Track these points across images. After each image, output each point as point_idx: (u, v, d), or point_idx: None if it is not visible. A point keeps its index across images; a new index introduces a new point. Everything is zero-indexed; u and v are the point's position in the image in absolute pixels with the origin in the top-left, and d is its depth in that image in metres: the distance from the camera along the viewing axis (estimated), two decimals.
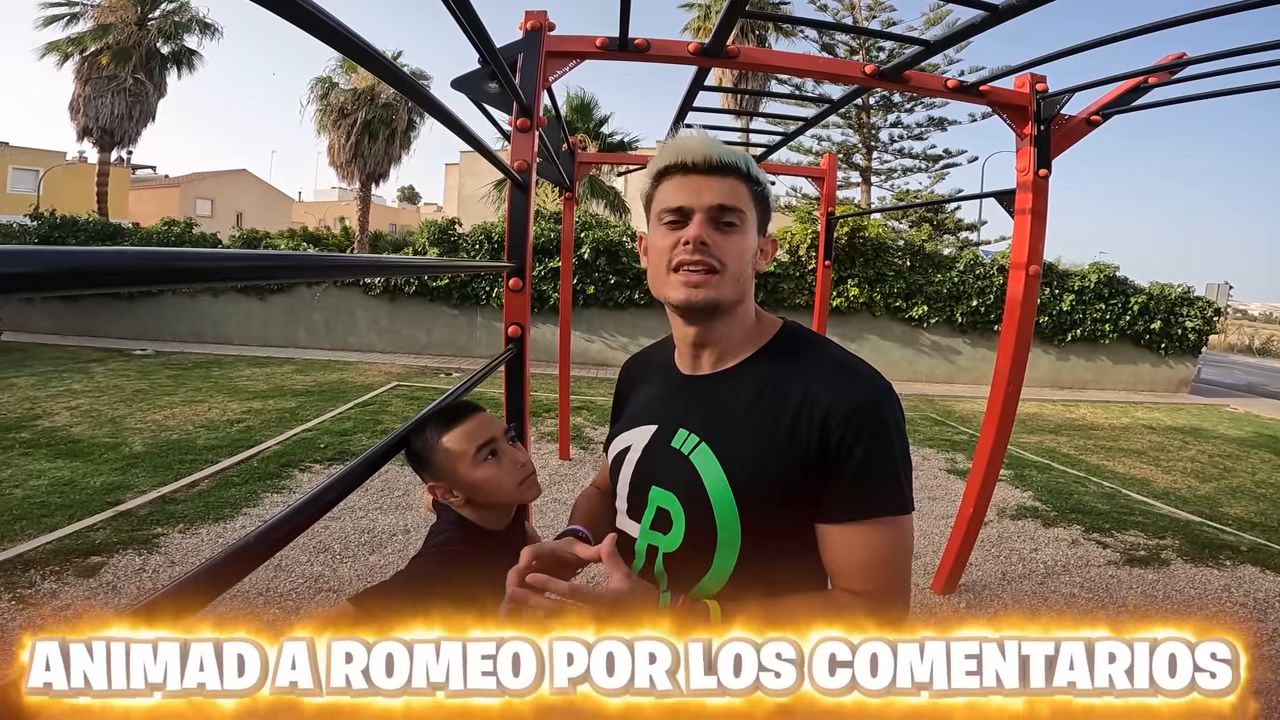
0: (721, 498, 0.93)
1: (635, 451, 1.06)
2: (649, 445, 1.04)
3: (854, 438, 0.88)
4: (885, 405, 0.91)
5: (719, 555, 0.94)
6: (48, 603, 2.92)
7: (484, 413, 1.30)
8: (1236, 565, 4.13)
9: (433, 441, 1.24)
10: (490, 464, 1.23)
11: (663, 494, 1.00)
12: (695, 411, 1.01)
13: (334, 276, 1.42)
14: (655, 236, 1.00)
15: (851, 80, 2.84)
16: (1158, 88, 2.71)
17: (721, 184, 0.95)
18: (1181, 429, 8.91)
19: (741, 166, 0.96)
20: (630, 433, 1.08)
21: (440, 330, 11.47)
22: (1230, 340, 29.68)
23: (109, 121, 16.57)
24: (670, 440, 1.01)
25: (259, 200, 34.50)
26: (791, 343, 1.02)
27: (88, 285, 0.41)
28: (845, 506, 0.89)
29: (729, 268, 0.95)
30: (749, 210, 0.97)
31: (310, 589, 3.19)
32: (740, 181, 0.97)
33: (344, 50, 0.89)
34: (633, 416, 1.11)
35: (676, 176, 0.98)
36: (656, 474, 1.01)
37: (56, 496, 4.12)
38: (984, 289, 11.38)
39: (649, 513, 1.01)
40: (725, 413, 0.97)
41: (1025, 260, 2.83)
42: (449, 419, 1.26)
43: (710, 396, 1.00)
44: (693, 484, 0.95)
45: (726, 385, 1.00)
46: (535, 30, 2.19)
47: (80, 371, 8.21)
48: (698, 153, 0.96)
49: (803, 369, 0.96)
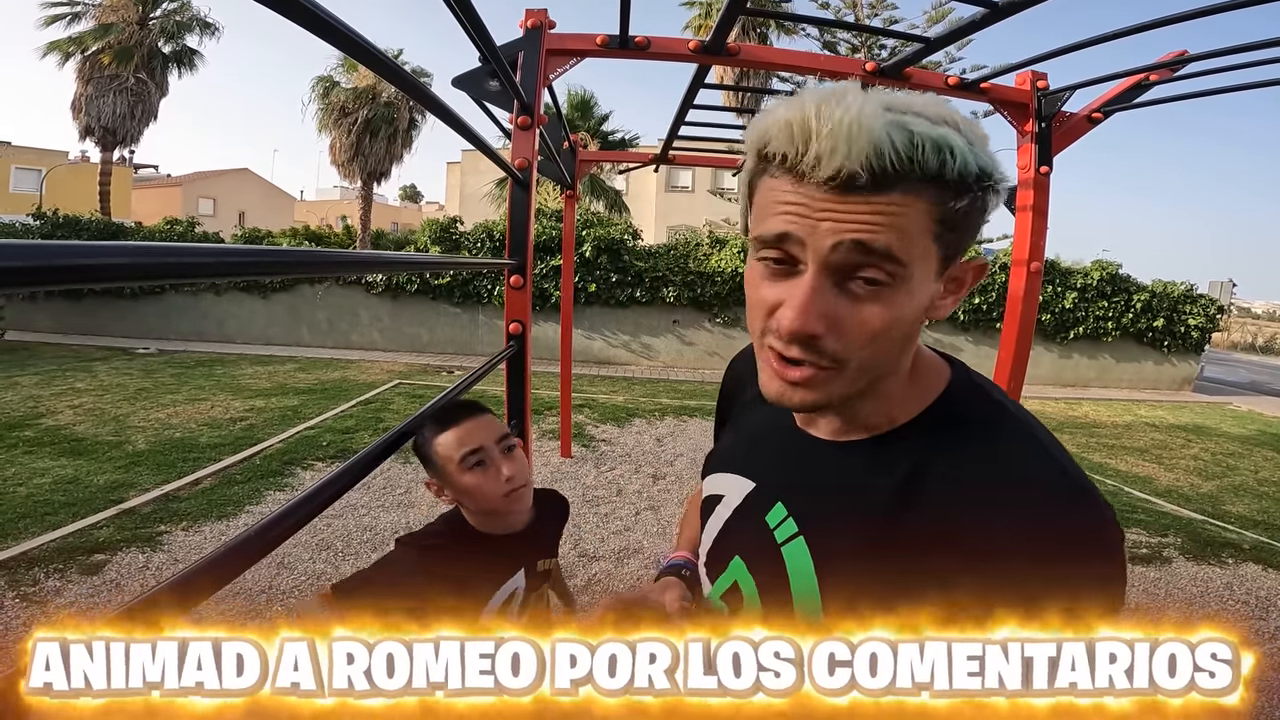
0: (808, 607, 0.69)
1: (726, 507, 0.83)
2: (741, 506, 0.81)
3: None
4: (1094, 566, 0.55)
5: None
6: (51, 600, 2.94)
7: (482, 416, 1.27)
8: (1239, 564, 4.13)
9: (429, 440, 1.24)
10: (476, 472, 1.21)
11: (743, 571, 0.78)
12: (799, 486, 0.74)
13: (336, 272, 1.42)
14: (751, 269, 0.64)
15: (850, 78, 2.83)
16: (1159, 85, 2.70)
17: (873, 212, 0.55)
18: (1184, 427, 8.89)
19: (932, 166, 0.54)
20: (725, 479, 0.85)
21: (442, 328, 11.49)
22: (1233, 338, 29.62)
23: (111, 121, 16.59)
24: (765, 512, 0.76)
25: (261, 199, 34.54)
26: (952, 423, 0.66)
27: (86, 280, 0.41)
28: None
29: (852, 361, 0.60)
30: (922, 247, 0.57)
31: (312, 586, 3.20)
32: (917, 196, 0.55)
33: (346, 49, 0.88)
34: (733, 455, 0.87)
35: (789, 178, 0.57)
36: (743, 545, 0.79)
37: (60, 494, 4.13)
38: (986, 286, 11.37)
39: (724, 580, 0.81)
40: (837, 503, 0.69)
41: (1027, 257, 2.82)
42: (445, 420, 1.25)
43: (823, 473, 0.72)
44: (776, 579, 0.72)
45: (847, 463, 0.70)
46: (536, 28, 2.19)
47: (83, 370, 8.24)
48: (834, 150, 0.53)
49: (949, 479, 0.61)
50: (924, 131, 0.53)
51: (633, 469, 5.39)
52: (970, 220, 0.58)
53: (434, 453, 1.23)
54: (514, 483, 1.23)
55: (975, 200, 0.56)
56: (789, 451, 0.77)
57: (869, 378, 0.63)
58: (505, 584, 1.26)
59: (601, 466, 5.40)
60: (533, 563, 1.33)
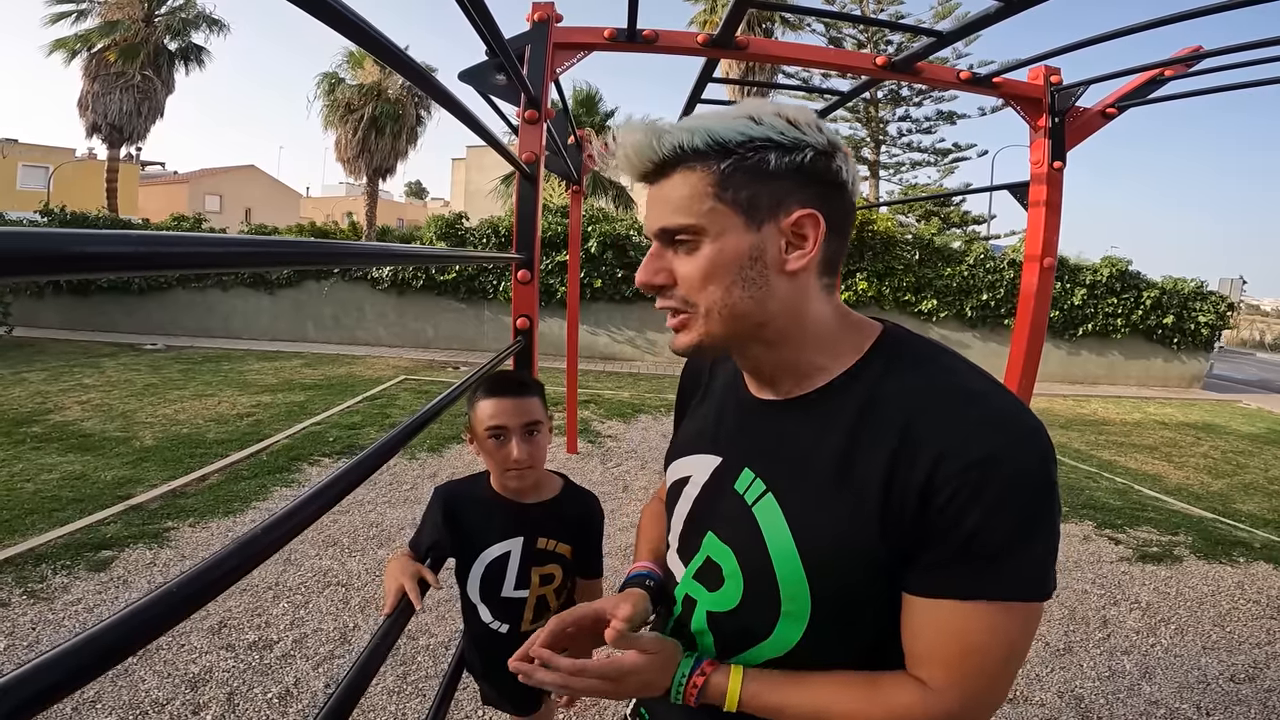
0: (787, 564, 0.72)
1: (694, 486, 0.86)
2: (709, 482, 0.84)
3: (971, 496, 0.62)
4: (1027, 455, 0.64)
5: (782, 626, 0.75)
6: (59, 597, 2.94)
7: (520, 399, 1.37)
8: (1250, 563, 4.09)
9: (473, 401, 1.39)
10: (493, 443, 1.35)
11: (717, 545, 0.81)
12: (762, 449, 0.79)
13: (343, 263, 1.42)
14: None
15: (862, 72, 2.80)
16: (1174, 80, 2.67)
17: (666, 190, 0.73)
18: (1194, 425, 8.83)
19: (681, 145, 0.70)
20: (691, 460, 0.88)
21: (448, 324, 11.50)
22: (1243, 335, 29.41)
23: (117, 118, 16.65)
24: (733, 481, 0.80)
25: (267, 195, 34.59)
26: (894, 358, 0.74)
27: (95, 269, 0.40)
28: (941, 579, 0.65)
29: (699, 304, 0.72)
30: (707, 206, 0.70)
31: (319, 583, 3.20)
32: (690, 170, 0.71)
33: (358, 40, 0.87)
34: (694, 437, 0.91)
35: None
36: (713, 519, 0.82)
37: (68, 490, 4.14)
38: (994, 283, 11.31)
39: (697, 559, 0.83)
40: (797, 455, 0.75)
41: (1040, 253, 2.79)
42: (492, 389, 1.38)
43: (780, 431, 0.77)
44: (754, 542, 0.75)
45: (802, 418, 0.76)
46: (543, 21, 2.17)
47: (91, 366, 8.27)
48: (626, 159, 0.74)
49: (906, 397, 0.69)
50: (672, 129, 0.71)
51: (639, 465, 5.38)
52: (747, 175, 0.69)
53: (473, 413, 1.38)
54: (519, 465, 1.35)
55: (742, 159, 0.69)
56: (746, 419, 0.83)
57: (732, 321, 0.72)
58: (500, 542, 1.42)
59: (608, 463, 5.39)
60: (533, 537, 1.44)
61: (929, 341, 0.76)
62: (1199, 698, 2.69)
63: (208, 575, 0.59)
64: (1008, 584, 0.63)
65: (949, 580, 0.65)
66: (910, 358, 0.73)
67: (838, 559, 0.70)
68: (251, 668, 2.55)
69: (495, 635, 1.45)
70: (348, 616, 2.93)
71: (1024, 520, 0.62)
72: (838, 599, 0.72)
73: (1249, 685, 2.80)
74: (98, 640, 0.43)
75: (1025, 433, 0.64)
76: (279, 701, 2.37)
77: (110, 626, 0.45)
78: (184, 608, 0.54)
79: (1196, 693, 2.72)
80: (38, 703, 0.37)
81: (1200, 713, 2.60)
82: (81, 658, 0.42)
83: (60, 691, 0.39)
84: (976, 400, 0.67)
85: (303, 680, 2.49)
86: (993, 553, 0.63)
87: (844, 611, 0.72)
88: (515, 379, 1.44)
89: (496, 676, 1.51)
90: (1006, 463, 0.62)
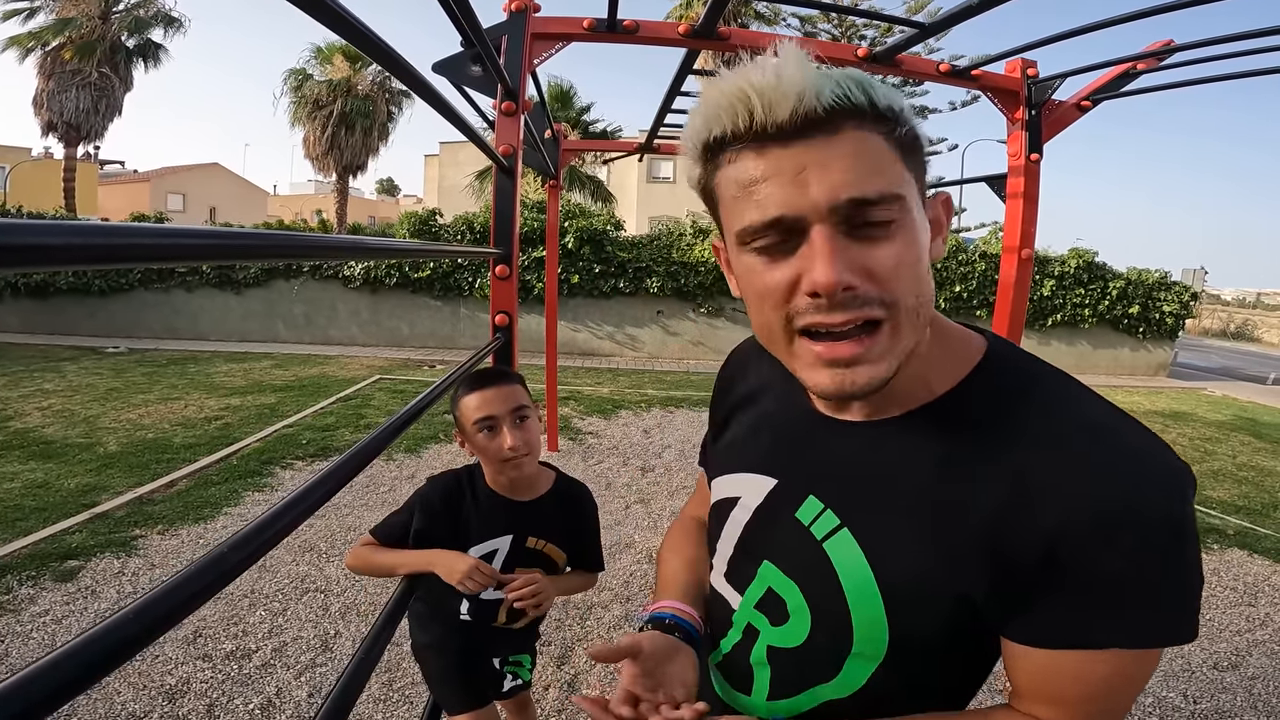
0: (865, 604, 0.64)
1: (744, 510, 0.77)
2: (762, 506, 0.74)
3: (1105, 543, 0.54)
4: (1166, 499, 0.55)
5: (850, 666, 0.67)
6: (26, 609, 2.83)
7: (504, 386, 1.37)
8: (1224, 549, 4.18)
9: (458, 398, 1.38)
10: (484, 436, 1.35)
11: (779, 577, 0.72)
12: (833, 475, 0.69)
13: (314, 257, 1.35)
14: (744, 265, 0.61)
15: (845, 63, 2.79)
16: (1146, 74, 2.71)
17: (844, 148, 0.54)
18: (1162, 412, 9.04)
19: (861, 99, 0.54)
20: (738, 479, 0.78)
21: (423, 322, 11.34)
22: (1205, 325, 30.24)
23: (74, 116, 16.16)
24: (794, 508, 0.71)
25: (232, 194, 33.81)
26: (1004, 377, 0.64)
27: (41, 262, 0.36)
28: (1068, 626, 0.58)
29: (899, 301, 0.56)
30: (899, 173, 0.56)
31: (297, 589, 3.12)
32: (869, 130, 0.55)
33: (336, 28, 0.82)
34: (741, 453, 0.80)
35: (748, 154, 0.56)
36: (771, 550, 0.73)
37: (30, 499, 4.00)
38: (966, 275, 11.46)
39: (756, 589, 0.75)
40: (882, 487, 0.65)
41: (1018, 244, 2.82)
42: (475, 383, 1.37)
43: (861, 456, 0.67)
44: (825, 581, 0.67)
45: (892, 443, 0.65)
46: (520, 11, 2.12)
47: (52, 370, 8.01)
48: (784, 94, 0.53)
49: (1020, 433, 0.59)
50: (840, 73, 0.55)
51: (621, 461, 5.35)
52: (919, 147, 0.58)
53: (459, 410, 1.37)
54: (516, 451, 1.34)
55: (913, 128, 0.57)
56: (812, 440, 0.72)
57: (921, 327, 0.59)
58: (489, 540, 1.41)
59: (589, 460, 5.36)
60: (523, 535, 1.43)
61: (1039, 361, 0.66)
62: (1185, 686, 2.74)
63: (182, 591, 0.55)
64: (1141, 632, 0.57)
65: (1077, 628, 0.58)
66: (1024, 378, 0.64)
67: (925, 600, 0.62)
68: (230, 678, 2.47)
69: (465, 625, 1.48)
70: (328, 624, 2.86)
71: (1165, 567, 0.55)
72: (919, 640, 0.64)
73: (1232, 673, 2.85)
74: (77, 655, 0.39)
75: (1164, 474, 0.56)
76: (261, 712, 2.31)
77: (83, 644, 0.41)
78: (160, 625, 0.50)
79: (1182, 681, 2.77)
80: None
81: (1188, 701, 2.65)
82: (47, 684, 0.38)
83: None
84: (1104, 436, 0.58)
85: (285, 690, 2.42)
86: (1130, 600, 0.56)
87: (922, 653, 0.65)
88: (496, 370, 1.44)
89: (458, 660, 1.53)
90: (1144, 509, 0.54)
